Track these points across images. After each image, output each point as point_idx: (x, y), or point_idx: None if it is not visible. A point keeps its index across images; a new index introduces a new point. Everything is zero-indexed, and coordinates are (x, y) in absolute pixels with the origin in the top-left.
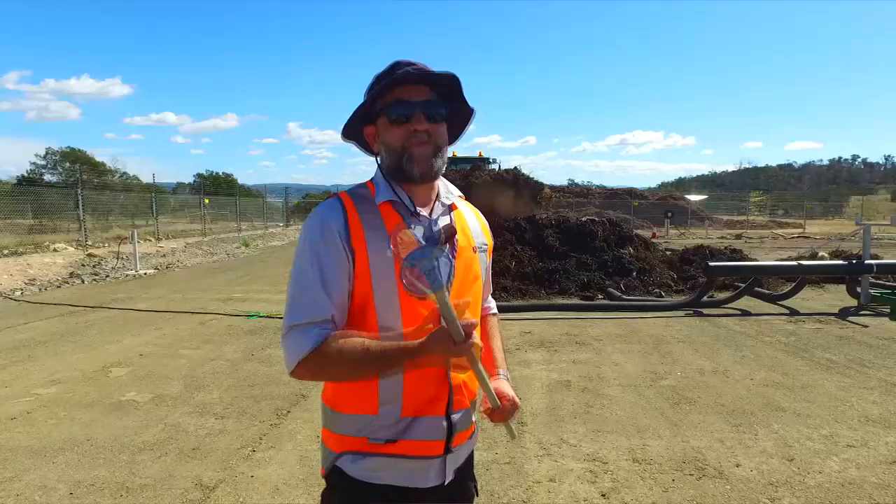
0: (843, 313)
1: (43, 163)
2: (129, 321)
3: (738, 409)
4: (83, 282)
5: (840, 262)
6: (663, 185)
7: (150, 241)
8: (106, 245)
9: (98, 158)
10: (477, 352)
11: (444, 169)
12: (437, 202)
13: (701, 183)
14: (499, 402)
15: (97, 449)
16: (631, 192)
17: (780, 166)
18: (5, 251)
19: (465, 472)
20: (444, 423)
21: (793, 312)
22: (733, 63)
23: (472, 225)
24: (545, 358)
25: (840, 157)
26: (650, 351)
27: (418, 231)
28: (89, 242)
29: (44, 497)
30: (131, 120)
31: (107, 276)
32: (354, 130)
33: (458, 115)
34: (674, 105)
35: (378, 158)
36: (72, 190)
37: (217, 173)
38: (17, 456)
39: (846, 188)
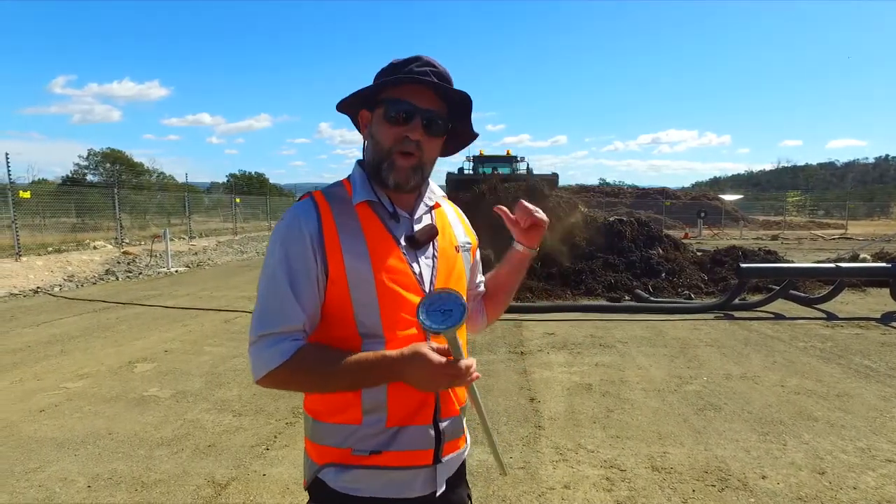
0: (886, 318)
1: (85, 164)
2: (158, 318)
3: (767, 417)
4: (117, 279)
5: (882, 264)
6: (697, 185)
7: (183, 239)
8: (142, 243)
9: (137, 159)
10: (471, 376)
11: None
12: (419, 202)
13: (736, 182)
14: (506, 471)
15: (117, 443)
16: (663, 192)
17: (820, 165)
18: (49, 248)
19: (456, 478)
20: (432, 432)
21: (830, 317)
22: (770, 59)
23: (455, 224)
24: (567, 360)
25: (887, 155)
26: (676, 354)
27: (398, 232)
28: (126, 240)
29: (63, 489)
30: (169, 121)
31: (140, 274)
32: (352, 107)
33: (459, 133)
34: (708, 103)
35: (364, 146)
36: (111, 190)
37: (249, 173)
38: (43, 447)
39: (893, 187)
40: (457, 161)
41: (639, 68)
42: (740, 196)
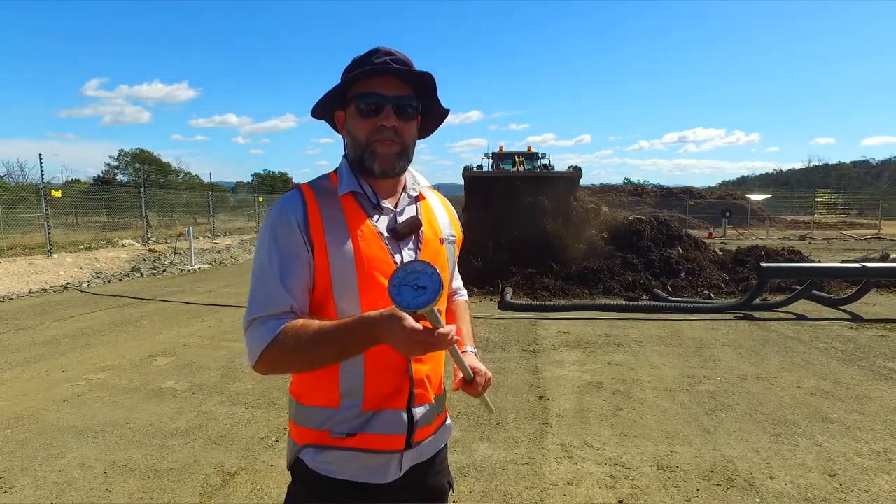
0: None
1: (116, 164)
2: (179, 313)
3: (780, 418)
4: (142, 275)
5: None
6: (723, 185)
7: (207, 237)
8: (167, 241)
9: (164, 159)
10: (449, 343)
11: (412, 164)
12: (403, 193)
13: (765, 181)
14: (472, 374)
15: (133, 432)
16: (688, 192)
17: (854, 163)
18: (81, 246)
19: (436, 466)
20: (405, 417)
21: (855, 318)
22: (802, 55)
23: (440, 216)
24: (580, 359)
25: None
26: (691, 354)
27: (382, 223)
28: (152, 239)
29: (82, 474)
30: (196, 122)
31: (164, 271)
32: (326, 111)
33: (431, 112)
34: (737, 101)
35: (344, 144)
36: (139, 189)
37: (273, 172)
38: (64, 435)
39: None
40: (475, 160)
41: (665, 67)
42: (768, 195)
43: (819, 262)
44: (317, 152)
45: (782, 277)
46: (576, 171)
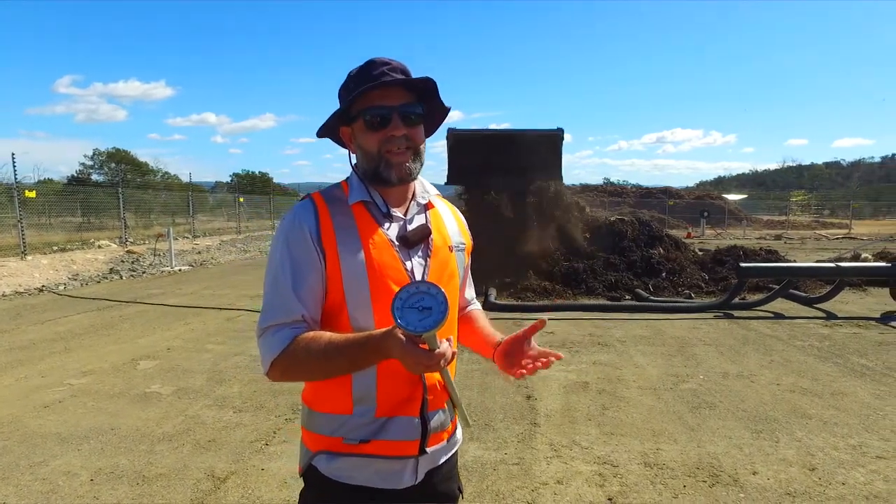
0: (885, 318)
1: (91, 163)
2: (161, 316)
3: (761, 414)
4: (121, 277)
5: (882, 263)
6: (701, 185)
7: (186, 238)
8: (146, 242)
9: (141, 158)
10: (445, 364)
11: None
12: (412, 202)
13: (741, 182)
14: (470, 422)
15: (119, 438)
16: (667, 192)
17: (826, 164)
18: (55, 247)
19: (447, 472)
20: (419, 423)
21: (829, 316)
22: (777, 58)
23: (449, 224)
24: (565, 358)
25: (893, 154)
26: (673, 353)
27: (392, 231)
28: (130, 239)
29: (67, 482)
30: (174, 121)
31: (143, 272)
32: (331, 129)
33: (433, 112)
34: (714, 102)
35: (353, 158)
36: (116, 189)
37: (253, 172)
38: (47, 442)
39: None
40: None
41: (644, 68)
42: (744, 196)
43: (795, 261)
44: (296, 152)
45: (760, 277)
46: (557, 130)
